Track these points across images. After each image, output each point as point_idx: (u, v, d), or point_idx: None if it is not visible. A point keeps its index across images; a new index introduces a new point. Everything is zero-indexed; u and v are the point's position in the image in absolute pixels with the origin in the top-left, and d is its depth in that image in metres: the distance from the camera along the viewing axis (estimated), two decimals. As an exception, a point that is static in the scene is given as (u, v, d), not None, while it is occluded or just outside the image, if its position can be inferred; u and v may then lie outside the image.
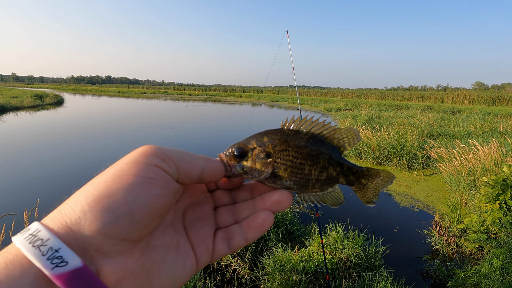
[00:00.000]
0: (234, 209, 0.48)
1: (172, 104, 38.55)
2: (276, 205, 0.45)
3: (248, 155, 0.45)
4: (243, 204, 0.48)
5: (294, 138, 0.46)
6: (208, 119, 22.20)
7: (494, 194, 3.89)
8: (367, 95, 50.35)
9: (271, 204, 0.45)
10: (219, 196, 0.49)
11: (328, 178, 0.48)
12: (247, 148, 0.46)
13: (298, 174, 0.46)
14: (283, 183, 0.46)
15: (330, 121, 0.48)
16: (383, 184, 0.50)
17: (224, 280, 3.55)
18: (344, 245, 3.50)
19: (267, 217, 0.44)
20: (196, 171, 0.40)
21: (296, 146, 0.46)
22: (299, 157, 0.46)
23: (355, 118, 16.03)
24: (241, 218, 0.47)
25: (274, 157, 0.45)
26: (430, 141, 8.87)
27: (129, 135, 13.25)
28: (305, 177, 0.46)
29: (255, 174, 0.45)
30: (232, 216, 0.47)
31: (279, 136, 0.46)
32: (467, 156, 6.43)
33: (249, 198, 0.49)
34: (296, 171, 0.46)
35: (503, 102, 34.35)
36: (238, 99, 57.91)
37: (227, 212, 0.47)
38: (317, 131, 0.47)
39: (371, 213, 5.61)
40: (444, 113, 21.48)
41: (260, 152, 0.45)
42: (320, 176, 0.47)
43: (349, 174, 0.49)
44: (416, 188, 6.96)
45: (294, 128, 0.47)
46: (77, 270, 0.29)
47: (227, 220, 0.47)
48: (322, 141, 0.47)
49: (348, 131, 0.48)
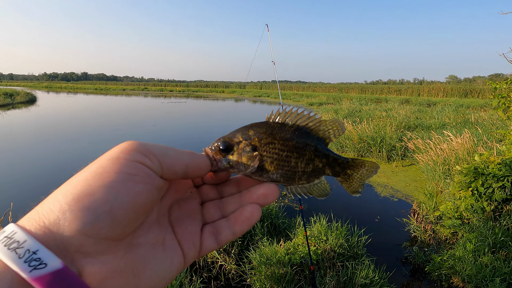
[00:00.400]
0: (221, 204, 0.47)
1: (153, 101, 37.64)
2: (263, 198, 0.45)
3: (234, 149, 0.45)
4: (230, 198, 0.48)
5: (279, 131, 0.46)
6: (191, 115, 21.89)
7: (466, 181, 4.10)
8: (347, 89, 51.36)
9: (257, 197, 0.45)
10: (206, 191, 0.48)
11: (314, 170, 0.48)
12: (232, 142, 0.45)
13: (284, 166, 0.46)
14: (269, 176, 0.46)
15: (314, 113, 0.49)
16: (368, 174, 0.51)
17: (211, 277, 3.55)
18: (328, 236, 3.58)
19: (254, 211, 0.44)
20: (180, 166, 0.40)
21: (282, 139, 0.46)
22: (285, 150, 0.46)
23: (336, 112, 16.33)
24: (228, 213, 0.46)
25: (260, 150, 0.45)
26: (408, 133, 9.21)
27: (109, 133, 12.84)
28: (291, 170, 0.46)
29: (241, 168, 0.45)
30: (219, 211, 0.47)
31: (265, 129, 0.46)
32: (442, 146, 6.73)
33: (236, 192, 0.48)
34: (282, 164, 0.46)
35: (475, 94, 36.14)
36: (220, 94, 57.40)
37: (214, 207, 0.47)
38: (303, 124, 0.47)
39: (354, 204, 5.77)
40: (421, 106, 22.32)
41: (246, 145, 0.45)
42: (306, 168, 0.47)
43: (335, 165, 0.49)
44: (395, 178, 7.22)
45: (279, 121, 0.47)
46: (57, 271, 0.28)
47: (214, 214, 0.46)
48: (308, 133, 0.47)
49: (333, 123, 0.49)
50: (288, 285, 3.00)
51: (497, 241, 3.46)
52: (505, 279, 3.06)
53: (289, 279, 3.02)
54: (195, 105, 32.06)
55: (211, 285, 3.46)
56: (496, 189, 3.81)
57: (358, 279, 3.02)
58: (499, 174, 3.79)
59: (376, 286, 3.03)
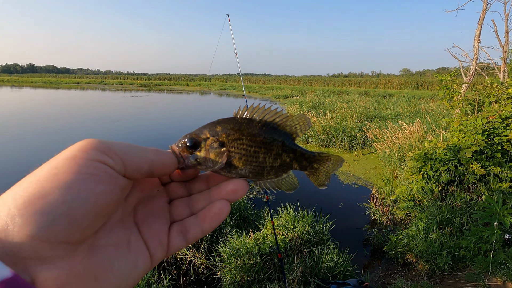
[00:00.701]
0: (189, 201, 0.46)
1: (113, 95, 35.53)
2: (232, 194, 0.45)
3: (201, 145, 0.44)
4: (199, 195, 0.47)
5: (247, 127, 0.46)
6: (155, 110, 21.05)
7: (418, 166, 4.48)
8: (311, 82, 52.93)
9: (226, 193, 0.45)
10: (174, 189, 0.47)
11: (282, 164, 0.48)
12: (199, 138, 0.45)
13: (253, 162, 0.46)
14: (238, 172, 0.46)
15: (281, 108, 0.50)
16: (334, 167, 0.53)
17: (180, 273, 3.50)
18: (295, 224, 3.71)
19: (223, 207, 0.43)
20: (144, 164, 0.38)
21: (249, 135, 0.46)
22: (253, 145, 0.46)
23: (301, 104, 16.77)
24: (197, 210, 0.46)
25: (228, 146, 0.45)
26: (367, 123, 9.76)
27: (67, 131, 11.87)
28: (260, 165, 0.46)
29: (209, 164, 0.44)
30: (188, 208, 0.46)
31: (232, 124, 0.46)
32: (397, 135, 7.25)
33: (205, 188, 0.48)
34: (250, 160, 0.46)
35: (425, 86, 39.33)
36: (185, 88, 55.84)
37: (183, 205, 0.46)
38: (270, 119, 0.48)
39: (319, 192, 6.02)
40: (378, 97, 23.78)
41: (213, 142, 0.45)
42: (274, 163, 0.48)
43: (302, 160, 0.50)
44: (356, 166, 7.65)
45: (247, 117, 0.47)
46: (6, 281, 0.26)
47: (182, 212, 0.46)
48: (275, 128, 0.48)
49: (300, 118, 0.50)
50: (258, 274, 3.06)
51: (444, 218, 3.85)
52: (450, 252, 3.42)
53: (259, 268, 3.08)
54: (159, 99, 30.84)
55: (181, 281, 3.42)
56: (442, 172, 4.21)
57: (323, 263, 3.18)
58: (445, 158, 4.19)
59: (340, 268, 3.22)
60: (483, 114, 4.25)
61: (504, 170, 3.86)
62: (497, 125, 4.00)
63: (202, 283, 3.38)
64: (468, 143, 4.03)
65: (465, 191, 4.19)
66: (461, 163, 4.09)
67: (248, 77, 76.63)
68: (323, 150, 9.17)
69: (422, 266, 3.49)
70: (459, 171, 4.11)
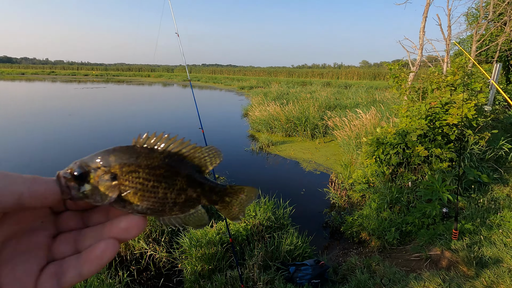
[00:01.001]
0: (79, 236, 0.40)
1: (64, 86, 32.77)
2: (124, 233, 0.39)
3: (90, 176, 0.38)
4: (90, 229, 0.40)
5: (146, 158, 0.41)
6: (113, 103, 19.82)
7: (371, 151, 4.77)
8: (276, 73, 53.39)
9: (118, 231, 0.39)
10: (66, 220, 0.40)
11: (188, 200, 0.44)
12: (89, 167, 0.39)
13: (150, 198, 0.40)
14: (134, 208, 0.40)
15: (189, 139, 0.46)
16: (248, 199, 0.49)
17: (140, 269, 3.40)
18: (256, 211, 3.76)
19: (108, 249, 0.37)
20: (9, 197, 0.32)
21: (148, 167, 0.40)
22: (152, 180, 0.40)
23: (266, 95, 16.88)
24: (84, 247, 0.39)
25: (121, 179, 0.39)
26: (328, 112, 10.12)
27: (13, 125, 10.72)
28: (159, 201, 0.41)
29: (97, 198, 0.38)
30: (74, 245, 0.39)
31: (129, 154, 0.40)
32: (355, 123, 7.63)
33: (104, 220, 0.41)
34: (148, 195, 0.40)
35: (381, 78, 41.68)
36: (146, 79, 53.27)
37: (69, 240, 0.39)
38: (175, 150, 0.42)
39: (281, 179, 6.17)
40: (339, 88, 24.71)
41: (104, 173, 0.39)
42: (178, 199, 0.43)
43: (212, 194, 0.46)
44: (318, 154, 7.94)
45: (148, 146, 0.42)
46: None
47: (65, 250, 0.39)
48: (180, 160, 0.43)
49: (210, 150, 0.45)
50: (219, 262, 3.07)
51: (393, 198, 4.16)
52: (399, 228, 3.72)
53: (220, 256, 3.09)
54: (117, 91, 29.10)
55: (142, 276, 3.32)
56: (392, 155, 4.53)
57: (284, 247, 3.28)
58: (394, 142, 4.51)
59: (299, 250, 3.35)
60: (426, 101, 4.62)
61: (444, 151, 4.26)
62: (438, 110, 4.37)
63: (163, 276, 3.31)
64: (414, 128, 4.37)
65: (412, 172, 4.55)
66: (408, 146, 4.43)
67: (213, 68, 75.07)
68: (287, 139, 9.39)
69: (374, 243, 3.76)
70: (406, 153, 4.45)
